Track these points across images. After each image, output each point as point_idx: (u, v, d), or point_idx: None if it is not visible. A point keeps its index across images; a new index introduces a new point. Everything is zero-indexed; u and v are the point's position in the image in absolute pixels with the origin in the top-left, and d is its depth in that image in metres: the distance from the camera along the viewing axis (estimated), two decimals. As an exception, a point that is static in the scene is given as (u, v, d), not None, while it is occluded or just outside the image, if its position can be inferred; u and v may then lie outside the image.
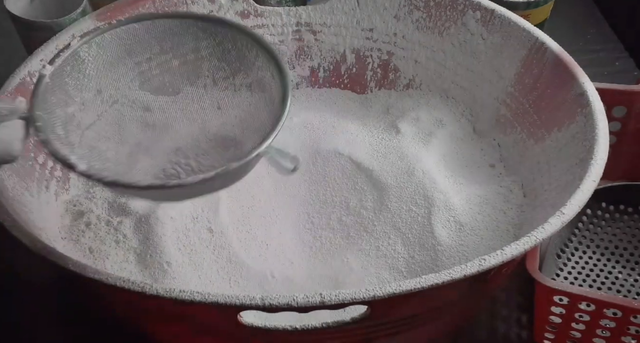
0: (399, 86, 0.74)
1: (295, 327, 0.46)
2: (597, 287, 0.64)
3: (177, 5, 0.69)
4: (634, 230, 0.68)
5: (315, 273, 0.59)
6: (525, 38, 0.63)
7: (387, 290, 0.41)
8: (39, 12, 0.75)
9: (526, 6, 0.74)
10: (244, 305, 0.41)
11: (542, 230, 0.46)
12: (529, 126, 0.63)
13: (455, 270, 0.43)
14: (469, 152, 0.67)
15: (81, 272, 0.44)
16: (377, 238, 0.60)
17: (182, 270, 0.57)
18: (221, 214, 0.61)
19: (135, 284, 0.42)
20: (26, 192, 0.56)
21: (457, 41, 0.69)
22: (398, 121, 0.69)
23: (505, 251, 0.44)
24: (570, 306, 0.55)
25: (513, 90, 0.65)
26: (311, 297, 0.42)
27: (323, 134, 0.68)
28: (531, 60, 0.63)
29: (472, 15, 0.67)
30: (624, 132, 0.69)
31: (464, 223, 0.59)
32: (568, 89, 0.58)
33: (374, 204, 0.62)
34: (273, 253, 0.60)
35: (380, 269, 0.58)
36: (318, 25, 0.73)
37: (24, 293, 0.66)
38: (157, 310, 0.48)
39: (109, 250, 0.58)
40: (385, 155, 0.65)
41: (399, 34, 0.72)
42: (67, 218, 0.60)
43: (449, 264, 0.57)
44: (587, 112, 0.55)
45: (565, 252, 0.67)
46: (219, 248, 0.59)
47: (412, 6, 0.70)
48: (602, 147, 0.52)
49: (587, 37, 0.94)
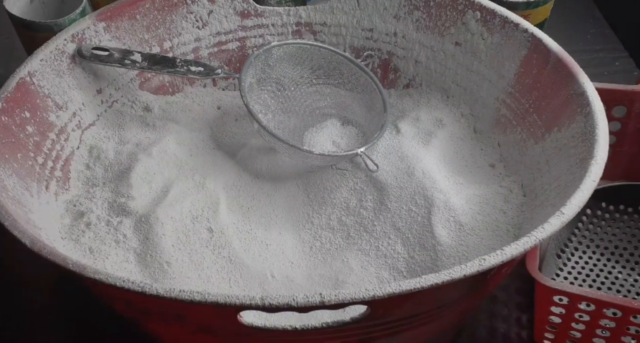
0: (399, 86, 0.74)
1: (295, 327, 0.46)
2: (597, 287, 0.64)
3: (177, 5, 0.69)
4: (634, 230, 0.68)
5: (315, 273, 0.59)
6: (525, 38, 0.63)
7: (387, 290, 0.41)
8: (39, 12, 0.75)
9: (526, 6, 0.74)
10: (243, 305, 0.41)
11: (542, 230, 0.46)
12: (529, 126, 0.63)
13: (455, 270, 0.43)
14: (469, 152, 0.67)
15: (81, 272, 0.44)
16: (377, 238, 0.60)
17: (182, 270, 0.57)
18: (221, 214, 0.61)
19: (135, 284, 0.42)
20: (26, 192, 0.56)
21: (457, 41, 0.69)
22: (398, 121, 0.69)
23: (505, 251, 0.44)
24: (570, 306, 0.55)
25: (513, 90, 0.65)
26: (311, 297, 0.42)
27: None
28: (531, 60, 0.63)
29: (472, 15, 0.67)
30: (624, 132, 0.69)
31: (464, 223, 0.59)
32: (568, 89, 0.58)
33: (374, 204, 0.62)
34: (273, 253, 0.60)
35: (380, 269, 0.58)
36: (318, 25, 0.73)
37: (23, 293, 0.66)
38: (157, 310, 0.48)
39: (109, 250, 0.58)
40: (385, 155, 0.65)
41: (399, 34, 0.72)
42: (67, 218, 0.60)
43: (449, 264, 0.57)
44: (587, 112, 0.55)
45: (565, 252, 0.67)
46: (219, 248, 0.59)
47: (412, 6, 0.70)
48: (602, 147, 0.52)
49: (587, 37, 0.94)
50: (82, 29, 0.65)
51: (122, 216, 0.60)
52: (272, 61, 0.67)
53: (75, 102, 0.65)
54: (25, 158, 0.58)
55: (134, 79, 0.70)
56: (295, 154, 0.63)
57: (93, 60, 0.65)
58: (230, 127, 0.70)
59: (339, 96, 0.70)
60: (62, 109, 0.63)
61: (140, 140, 0.67)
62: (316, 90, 0.69)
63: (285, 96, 0.68)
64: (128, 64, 0.66)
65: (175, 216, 0.60)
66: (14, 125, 0.58)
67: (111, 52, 0.65)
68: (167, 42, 0.70)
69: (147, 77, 0.71)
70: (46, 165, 0.61)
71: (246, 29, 0.73)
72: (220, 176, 0.65)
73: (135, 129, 0.68)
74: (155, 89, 0.72)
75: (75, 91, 0.65)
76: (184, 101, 0.72)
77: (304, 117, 0.68)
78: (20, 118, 0.59)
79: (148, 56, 0.66)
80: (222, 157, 0.67)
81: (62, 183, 0.62)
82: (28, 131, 0.59)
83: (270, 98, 0.68)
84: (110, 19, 0.66)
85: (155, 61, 0.66)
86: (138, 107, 0.70)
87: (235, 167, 0.66)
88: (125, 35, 0.68)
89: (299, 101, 0.69)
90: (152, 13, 0.68)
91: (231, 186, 0.64)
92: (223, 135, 0.69)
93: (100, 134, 0.67)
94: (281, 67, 0.68)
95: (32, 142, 0.59)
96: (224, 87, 0.75)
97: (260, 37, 0.74)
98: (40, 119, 0.61)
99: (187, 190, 0.62)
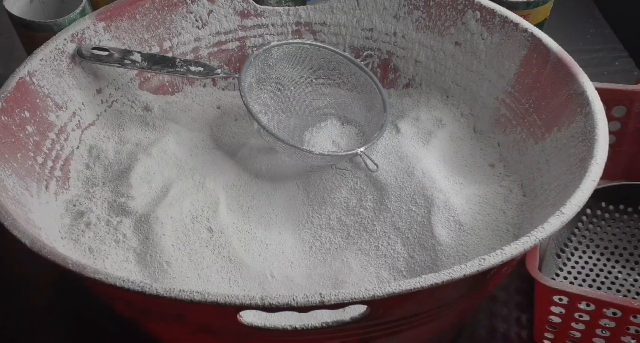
0: (399, 86, 0.74)
1: (295, 327, 0.46)
2: (597, 287, 0.64)
3: (177, 5, 0.69)
4: (634, 230, 0.68)
5: (315, 273, 0.59)
6: (525, 38, 0.63)
7: (387, 290, 0.41)
8: (39, 12, 0.75)
9: (526, 6, 0.74)
10: (243, 305, 0.41)
11: (542, 230, 0.46)
12: (529, 126, 0.63)
13: (455, 270, 0.43)
14: (469, 152, 0.67)
15: (81, 272, 0.44)
16: (377, 238, 0.60)
17: (182, 270, 0.57)
18: (221, 214, 0.61)
19: (135, 284, 0.42)
20: (26, 192, 0.56)
21: (457, 41, 0.69)
22: (398, 121, 0.69)
23: (505, 251, 0.44)
24: (570, 306, 0.55)
25: (513, 90, 0.65)
26: (311, 297, 0.42)
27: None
28: (531, 60, 0.63)
29: (472, 15, 0.67)
30: (624, 132, 0.69)
31: (464, 223, 0.59)
32: (568, 89, 0.58)
33: (374, 204, 0.62)
34: (273, 253, 0.60)
35: (380, 269, 0.58)
36: (318, 25, 0.73)
37: (23, 293, 0.66)
38: (157, 310, 0.48)
39: (109, 250, 0.58)
40: (385, 155, 0.65)
41: (399, 34, 0.72)
42: (67, 218, 0.60)
43: (449, 264, 0.57)
44: (587, 112, 0.55)
45: (565, 252, 0.67)
46: (219, 248, 0.59)
47: (412, 6, 0.70)
48: (602, 147, 0.52)
49: (587, 37, 0.94)
50: (82, 29, 0.65)
51: (122, 216, 0.60)
52: (272, 61, 0.67)
53: (75, 102, 0.65)
54: (25, 158, 0.58)
55: (134, 79, 0.70)
56: (295, 154, 0.63)
57: (93, 60, 0.65)
58: (230, 127, 0.70)
59: (339, 96, 0.70)
60: (62, 109, 0.63)
61: (140, 140, 0.67)
62: (316, 90, 0.69)
63: (285, 96, 0.68)
64: (128, 64, 0.66)
65: (175, 216, 0.60)
66: (14, 125, 0.58)
67: (111, 52, 0.65)
68: (167, 42, 0.70)
69: (147, 77, 0.71)
70: (46, 165, 0.61)
71: (246, 29, 0.73)
72: (220, 176, 0.65)
73: (135, 129, 0.68)
74: (155, 89, 0.72)
75: (75, 91, 0.65)
76: (184, 101, 0.72)
77: (304, 117, 0.68)
78: (20, 118, 0.59)
79: (148, 56, 0.66)
80: (222, 157, 0.67)
81: (62, 183, 0.62)
82: (28, 131, 0.59)
83: (270, 98, 0.68)
84: (110, 19, 0.66)
85: (155, 61, 0.66)
86: (138, 107, 0.70)
87: (235, 167, 0.66)
88: (125, 35, 0.68)
89: (299, 101, 0.69)
90: (152, 13, 0.68)
91: (231, 186, 0.64)
92: (223, 135, 0.69)
93: (100, 134, 0.67)
94: (281, 67, 0.68)
95: (32, 142, 0.59)
96: (224, 87, 0.75)
97: (260, 37, 0.74)
98: (40, 119, 0.61)
99: (187, 190, 0.62)
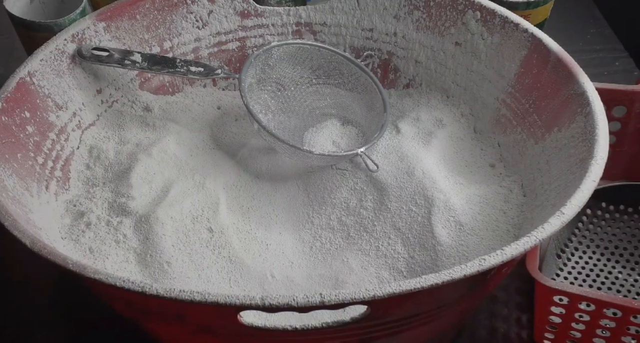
0: (399, 86, 0.74)
1: (295, 327, 0.46)
2: (597, 287, 0.64)
3: (177, 5, 0.69)
4: (634, 230, 0.68)
5: (315, 273, 0.59)
6: (525, 38, 0.63)
7: (387, 290, 0.41)
8: (39, 12, 0.75)
9: (526, 6, 0.74)
10: (243, 305, 0.41)
11: (542, 230, 0.46)
12: (529, 126, 0.63)
13: (455, 270, 0.43)
14: (469, 152, 0.67)
15: (81, 272, 0.44)
16: (377, 239, 0.60)
17: (182, 270, 0.57)
18: (221, 214, 0.61)
19: (135, 284, 0.42)
20: (26, 192, 0.56)
21: (457, 41, 0.69)
22: (398, 121, 0.69)
23: (505, 251, 0.44)
24: (570, 306, 0.55)
25: (513, 90, 0.65)
26: (311, 297, 0.42)
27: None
28: (531, 60, 0.63)
29: (472, 15, 0.67)
30: (624, 132, 0.69)
31: (464, 223, 0.59)
32: (568, 89, 0.58)
33: (374, 204, 0.62)
34: (273, 253, 0.60)
35: (380, 269, 0.58)
36: (318, 25, 0.73)
37: (23, 293, 0.66)
38: (157, 310, 0.48)
39: (109, 250, 0.58)
40: (385, 155, 0.65)
41: (399, 34, 0.72)
42: (67, 218, 0.60)
43: (449, 264, 0.57)
44: (587, 112, 0.55)
45: (565, 252, 0.67)
46: (219, 248, 0.59)
47: (412, 6, 0.70)
48: (602, 147, 0.52)
49: (587, 37, 0.94)
50: (82, 29, 0.65)
51: (122, 216, 0.60)
52: (272, 61, 0.67)
53: (75, 102, 0.65)
54: (25, 158, 0.58)
55: (134, 79, 0.70)
56: (295, 154, 0.63)
57: (93, 60, 0.65)
58: (230, 127, 0.70)
59: (339, 96, 0.70)
60: (62, 109, 0.63)
61: (140, 140, 0.67)
62: (316, 90, 0.69)
63: (285, 96, 0.68)
64: (128, 64, 0.66)
65: (175, 216, 0.60)
66: (14, 125, 0.58)
67: (111, 52, 0.65)
68: (167, 42, 0.70)
69: (147, 77, 0.71)
70: (46, 165, 0.61)
71: (246, 29, 0.73)
72: (220, 176, 0.65)
73: (135, 129, 0.68)
74: (155, 89, 0.72)
75: (75, 91, 0.65)
76: (184, 101, 0.72)
77: (304, 117, 0.69)
78: (20, 118, 0.59)
79: (148, 56, 0.66)
80: (222, 157, 0.67)
81: (62, 183, 0.62)
82: (28, 131, 0.59)
83: (270, 98, 0.68)
84: (110, 19, 0.66)
85: (155, 61, 0.66)
86: (138, 107, 0.70)
87: (235, 167, 0.66)
88: (125, 35, 0.67)
89: (299, 101, 0.69)
90: (152, 13, 0.68)
91: (231, 186, 0.64)
92: (223, 135, 0.69)
93: (100, 134, 0.67)
94: (281, 67, 0.68)
95: (32, 142, 0.59)
96: (224, 87, 0.75)
97: (260, 37, 0.74)
98: (40, 119, 0.61)
99: (187, 190, 0.62)
